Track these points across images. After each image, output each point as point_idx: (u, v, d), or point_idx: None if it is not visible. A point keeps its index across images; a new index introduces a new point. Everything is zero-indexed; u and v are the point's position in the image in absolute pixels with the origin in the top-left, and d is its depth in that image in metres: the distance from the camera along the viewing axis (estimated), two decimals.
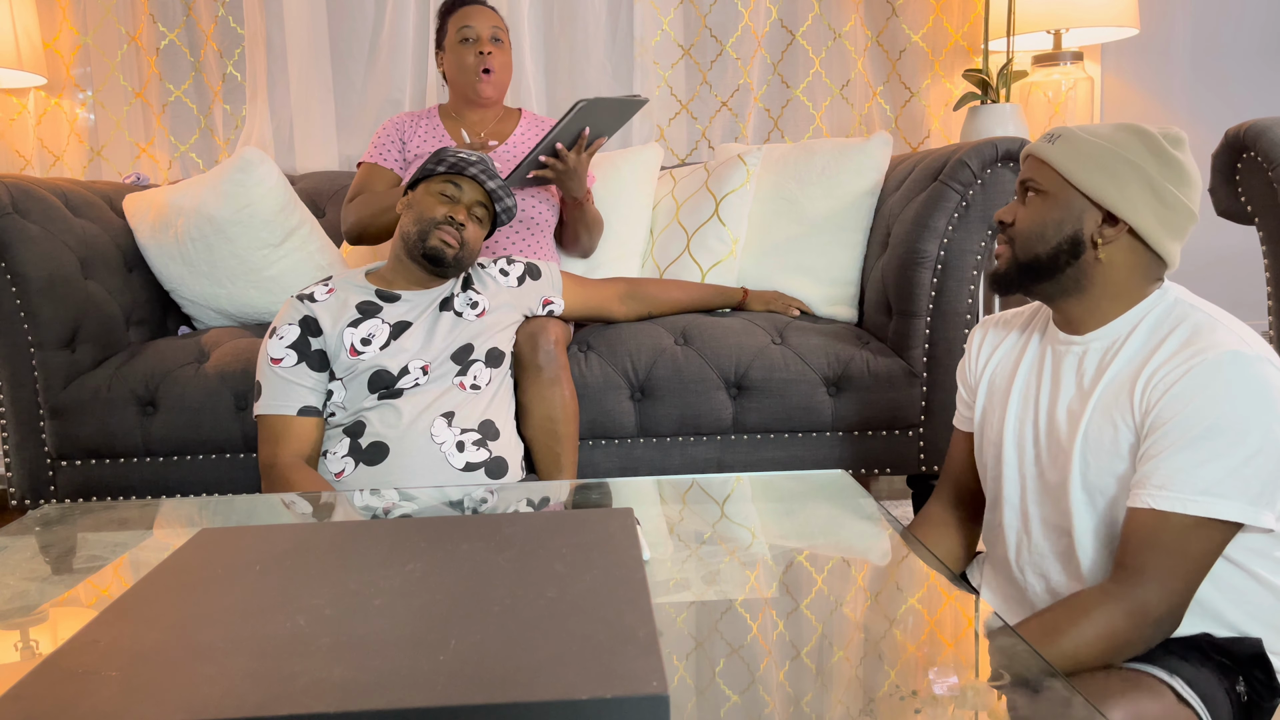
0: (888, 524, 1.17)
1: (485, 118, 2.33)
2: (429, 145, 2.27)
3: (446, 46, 2.29)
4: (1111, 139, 1.15)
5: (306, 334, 1.72)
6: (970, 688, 0.76)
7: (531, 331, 1.84)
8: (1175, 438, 1.06)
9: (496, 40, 2.24)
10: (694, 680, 0.79)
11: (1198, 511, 1.04)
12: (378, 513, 1.30)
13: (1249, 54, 2.94)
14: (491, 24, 2.24)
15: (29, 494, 2.07)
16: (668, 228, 2.43)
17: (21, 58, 2.70)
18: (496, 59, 2.24)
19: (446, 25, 2.29)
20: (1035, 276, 1.20)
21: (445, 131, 2.29)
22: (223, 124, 2.94)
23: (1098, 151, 1.14)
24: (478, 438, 1.70)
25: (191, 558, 0.90)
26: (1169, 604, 1.05)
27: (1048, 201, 1.18)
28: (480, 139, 2.21)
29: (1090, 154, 1.15)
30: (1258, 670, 1.11)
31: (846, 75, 2.95)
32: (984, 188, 1.99)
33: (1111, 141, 1.14)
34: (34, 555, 1.17)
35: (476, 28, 2.22)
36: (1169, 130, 1.16)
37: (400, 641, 0.70)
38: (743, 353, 2.03)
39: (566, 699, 0.61)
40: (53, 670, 0.68)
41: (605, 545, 0.89)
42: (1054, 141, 1.18)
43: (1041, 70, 2.78)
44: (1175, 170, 1.14)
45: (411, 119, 2.33)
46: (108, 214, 2.32)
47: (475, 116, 2.32)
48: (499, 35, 2.25)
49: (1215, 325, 1.11)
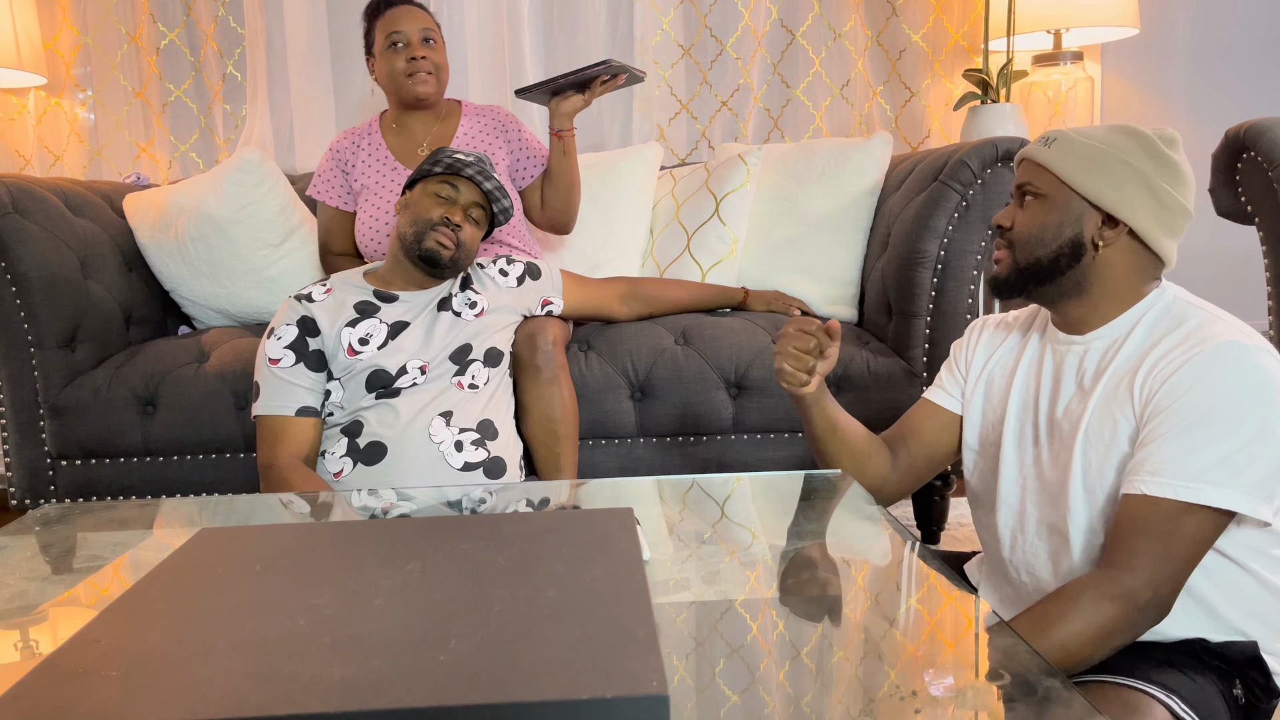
0: (888, 524, 1.17)
1: (426, 120, 2.22)
2: (371, 172, 2.19)
3: (376, 53, 2.16)
4: (1107, 141, 1.15)
5: (304, 334, 1.71)
6: (970, 687, 0.76)
7: (530, 332, 1.84)
8: (1170, 425, 1.06)
9: (428, 41, 2.13)
10: (694, 680, 0.79)
11: (1187, 498, 1.04)
12: (376, 513, 1.30)
13: (1249, 54, 2.94)
14: (421, 25, 2.12)
15: (29, 494, 2.07)
16: (668, 227, 2.43)
17: (21, 57, 2.70)
18: (430, 62, 2.13)
19: (374, 30, 2.16)
20: (1037, 280, 1.20)
21: (388, 151, 2.20)
22: (223, 124, 2.94)
23: (1094, 154, 1.15)
24: (476, 437, 1.70)
25: (191, 558, 0.90)
26: (1155, 591, 1.05)
27: (1046, 205, 1.18)
28: None
29: (1087, 156, 1.15)
30: (1254, 672, 1.11)
31: (846, 75, 2.95)
32: (984, 187, 1.99)
33: (1107, 143, 1.15)
34: (34, 555, 1.17)
35: (406, 31, 2.10)
36: (1162, 131, 1.17)
37: (400, 641, 0.70)
38: (743, 352, 2.03)
39: (566, 699, 0.61)
40: (52, 670, 0.68)
41: (605, 545, 0.89)
42: (1050, 145, 1.18)
43: (1042, 70, 2.78)
44: (1171, 170, 1.14)
45: (352, 143, 2.23)
46: (108, 214, 2.32)
47: (416, 122, 2.21)
48: (430, 36, 2.13)
49: (1215, 320, 1.11)
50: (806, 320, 1.38)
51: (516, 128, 2.25)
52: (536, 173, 2.22)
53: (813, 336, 1.36)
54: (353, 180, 2.22)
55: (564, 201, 2.20)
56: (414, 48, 2.11)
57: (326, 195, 2.26)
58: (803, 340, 1.36)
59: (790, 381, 1.38)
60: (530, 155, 2.22)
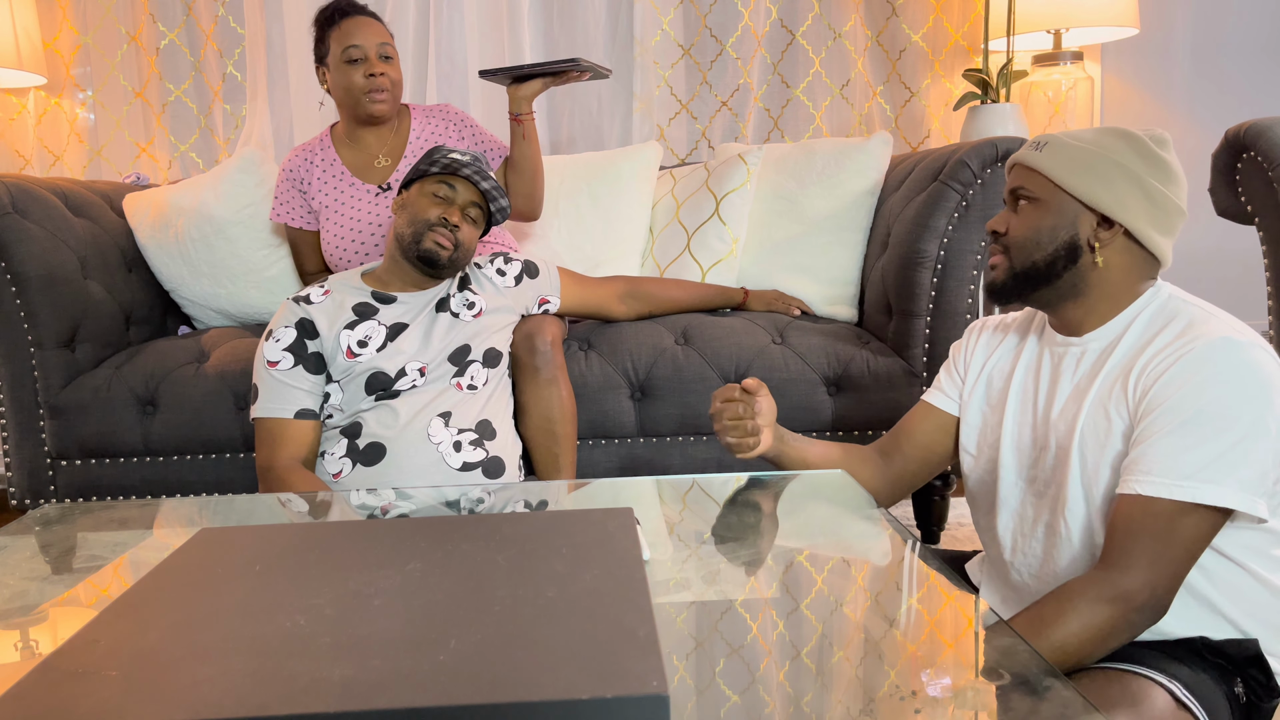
0: (887, 524, 1.17)
1: (381, 135, 2.16)
2: (329, 189, 2.15)
3: (330, 64, 2.09)
4: (1098, 143, 1.16)
5: (303, 336, 1.71)
6: (970, 688, 0.76)
7: (528, 332, 1.84)
8: (1164, 423, 1.06)
9: (386, 58, 2.07)
10: (694, 680, 0.79)
11: (1183, 497, 1.04)
12: (375, 513, 1.30)
13: (1249, 53, 2.94)
14: (379, 40, 2.05)
15: (28, 494, 2.07)
16: (668, 227, 2.43)
17: (21, 57, 2.70)
18: (388, 79, 2.07)
19: (328, 39, 2.08)
20: (1034, 284, 1.20)
21: (344, 167, 2.15)
22: (223, 124, 2.94)
23: (1087, 156, 1.15)
24: (475, 437, 1.70)
25: (191, 557, 0.90)
26: (1153, 591, 1.05)
27: (1041, 208, 1.18)
28: None
29: (1080, 159, 1.15)
30: (1255, 671, 1.11)
31: (846, 75, 2.95)
32: (984, 187, 1.99)
33: (1099, 145, 1.15)
34: (34, 555, 1.17)
35: (364, 46, 2.03)
36: (1152, 131, 1.17)
37: (400, 641, 0.70)
38: (743, 352, 2.03)
39: (566, 699, 0.61)
40: (52, 670, 0.68)
41: (605, 545, 0.89)
42: (1040, 149, 1.18)
43: (1041, 70, 2.78)
44: (1162, 170, 1.15)
45: (304, 160, 2.17)
46: (108, 214, 2.32)
47: (370, 136, 2.15)
48: (387, 52, 2.07)
49: (1209, 318, 1.12)
50: (725, 389, 1.42)
51: (469, 123, 2.22)
52: (497, 164, 2.19)
53: (738, 402, 1.40)
54: (311, 199, 2.17)
55: (529, 187, 2.16)
56: (372, 64, 2.05)
57: (288, 217, 2.20)
58: (731, 409, 1.40)
59: (742, 450, 1.41)
60: (488, 148, 2.20)
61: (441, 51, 2.90)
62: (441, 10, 2.87)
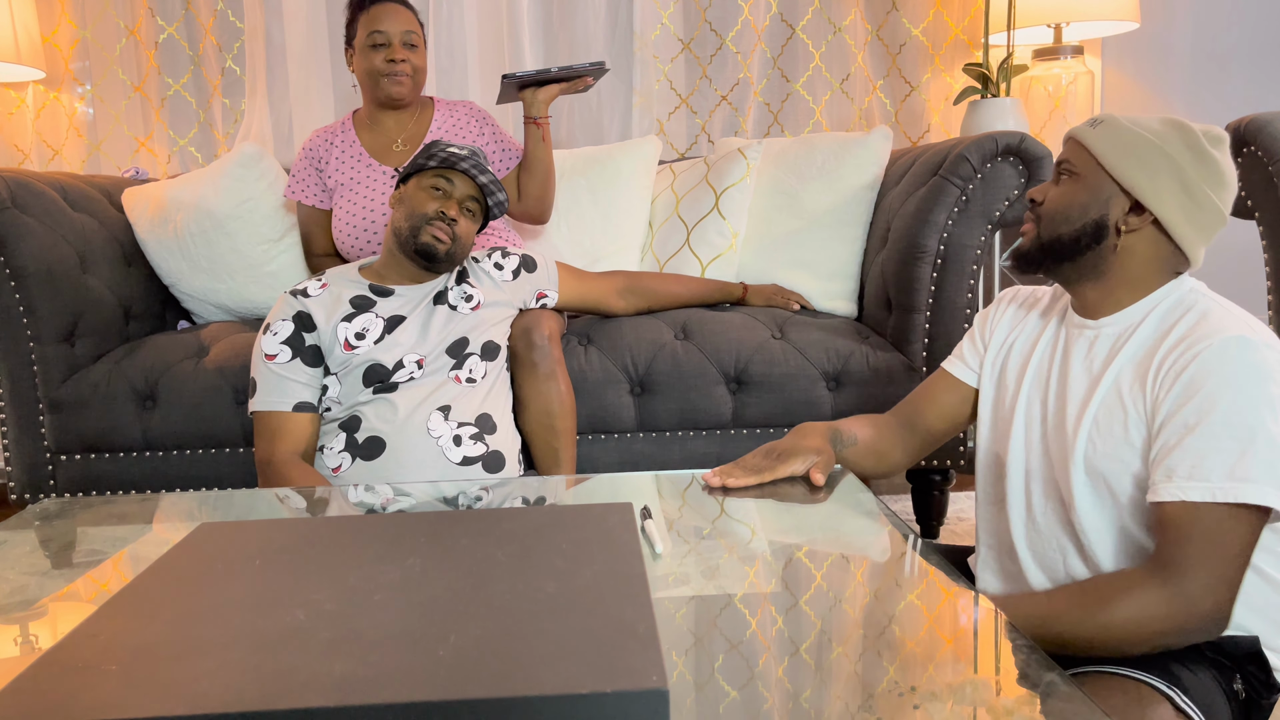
0: (887, 519, 1.17)
1: (401, 120, 2.19)
2: (346, 169, 2.17)
3: (356, 47, 2.12)
4: (1152, 130, 1.15)
5: (300, 329, 1.71)
6: (969, 683, 0.76)
7: (526, 326, 1.84)
8: (1191, 426, 1.06)
9: (410, 45, 2.09)
10: (693, 675, 0.79)
11: (1226, 498, 1.03)
12: (375, 508, 1.30)
13: (1249, 48, 2.93)
14: (404, 27, 2.08)
15: (28, 488, 2.08)
16: (668, 221, 2.43)
17: (20, 51, 2.69)
18: (409, 65, 2.10)
19: (356, 22, 2.12)
20: (1056, 257, 1.20)
21: (363, 149, 2.18)
22: (222, 118, 2.93)
23: (1135, 140, 1.15)
24: (475, 431, 1.70)
25: (191, 552, 0.90)
26: (1214, 598, 1.03)
27: (1078, 184, 1.18)
28: None
29: (1128, 142, 1.15)
30: (1254, 667, 1.11)
31: (846, 69, 2.95)
32: (984, 182, 1.99)
33: (1151, 132, 1.15)
34: (33, 550, 1.17)
35: (388, 31, 2.06)
36: (1211, 129, 1.15)
37: (400, 636, 0.70)
38: (742, 347, 2.03)
39: (566, 693, 0.61)
40: (52, 664, 0.68)
41: (605, 540, 0.89)
42: (1095, 126, 1.18)
43: (1042, 64, 2.77)
44: (1210, 169, 1.13)
45: (325, 140, 2.21)
46: (106, 208, 2.32)
47: (390, 121, 2.19)
48: (412, 40, 2.09)
49: (1225, 314, 1.11)
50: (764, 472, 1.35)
51: (490, 122, 2.24)
52: (512, 165, 2.21)
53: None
54: (326, 178, 2.19)
55: (541, 189, 2.17)
56: (395, 49, 2.08)
57: (302, 194, 2.22)
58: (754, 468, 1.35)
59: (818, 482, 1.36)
60: (505, 149, 2.22)
61: (441, 45, 2.89)
62: (441, 7, 2.87)
